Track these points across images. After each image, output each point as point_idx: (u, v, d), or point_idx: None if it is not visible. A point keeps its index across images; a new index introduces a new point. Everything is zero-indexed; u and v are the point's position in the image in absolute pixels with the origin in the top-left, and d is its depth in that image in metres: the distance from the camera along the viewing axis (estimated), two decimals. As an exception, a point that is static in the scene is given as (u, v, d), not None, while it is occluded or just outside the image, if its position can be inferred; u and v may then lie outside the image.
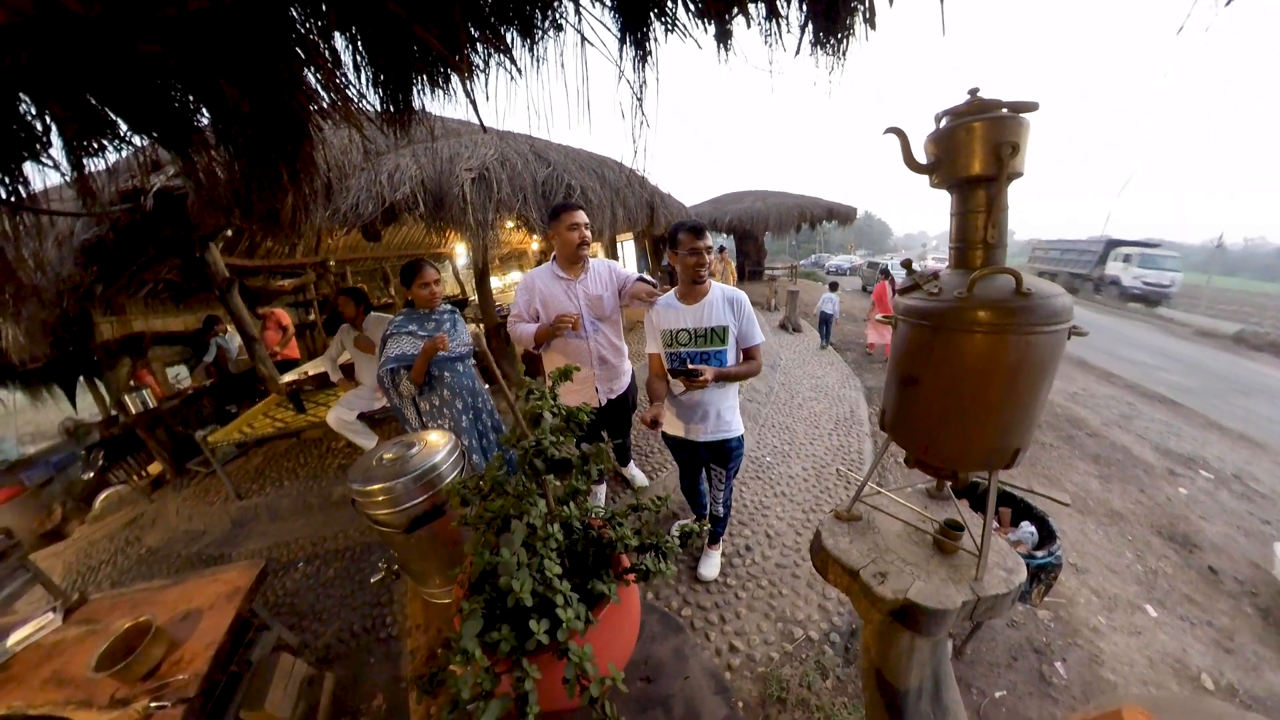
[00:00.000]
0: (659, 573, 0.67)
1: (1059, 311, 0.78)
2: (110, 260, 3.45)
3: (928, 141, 0.90)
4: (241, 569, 1.83)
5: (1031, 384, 0.82)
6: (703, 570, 2.30)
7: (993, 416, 0.85)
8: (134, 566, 3.30)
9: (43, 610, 1.69)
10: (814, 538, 1.22)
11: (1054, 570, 1.83)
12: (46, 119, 1.19)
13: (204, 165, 1.70)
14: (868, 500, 1.23)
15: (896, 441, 1.04)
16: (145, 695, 1.29)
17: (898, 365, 0.99)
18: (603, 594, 0.68)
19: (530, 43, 1.42)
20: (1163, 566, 2.80)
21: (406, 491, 1.19)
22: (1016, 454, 0.87)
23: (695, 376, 1.65)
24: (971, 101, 0.82)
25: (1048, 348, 0.80)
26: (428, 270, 2.07)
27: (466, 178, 2.57)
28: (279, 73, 1.30)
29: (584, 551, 0.77)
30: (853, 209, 12.75)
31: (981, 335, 0.80)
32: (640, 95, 1.32)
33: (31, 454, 5.31)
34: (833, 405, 4.61)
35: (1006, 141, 0.78)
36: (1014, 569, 1.00)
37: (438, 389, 2.06)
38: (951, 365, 0.85)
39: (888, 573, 1.01)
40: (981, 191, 0.84)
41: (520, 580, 0.58)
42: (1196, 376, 7.51)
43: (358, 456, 2.41)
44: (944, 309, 0.84)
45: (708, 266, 1.72)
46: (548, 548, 0.68)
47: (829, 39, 1.15)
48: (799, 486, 3.10)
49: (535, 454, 0.67)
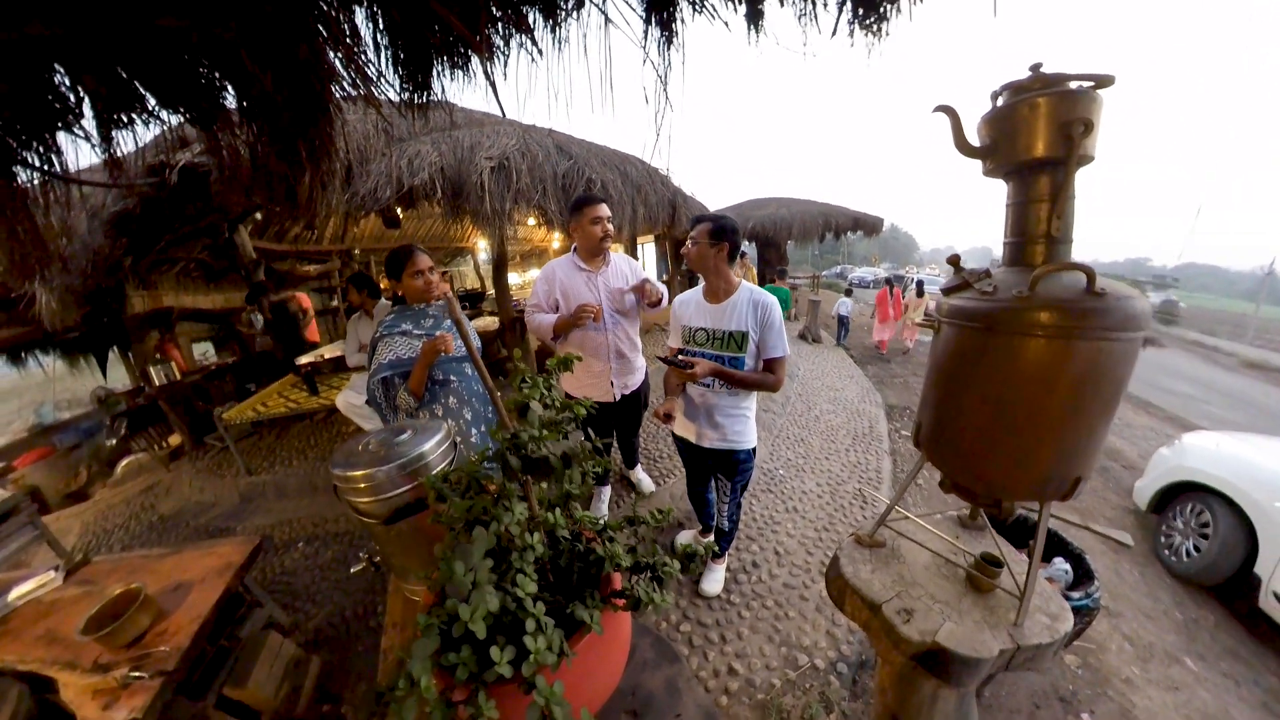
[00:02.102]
0: (652, 604, 0.58)
1: (1136, 316, 0.67)
2: (138, 233, 3.54)
3: (982, 122, 0.79)
4: (236, 545, 1.81)
5: (1101, 399, 0.71)
6: (705, 586, 2.17)
7: (1052, 436, 0.74)
8: (145, 532, 3.41)
9: (45, 568, 1.73)
10: (831, 563, 1.11)
11: (1090, 614, 1.67)
12: (80, 90, 1.21)
13: (228, 143, 1.72)
14: (893, 525, 1.11)
15: (932, 461, 0.92)
16: (127, 663, 1.28)
17: (939, 374, 0.88)
18: (584, 621, 0.59)
19: (553, 23, 1.37)
20: (1205, 615, 2.58)
21: (389, 480, 1.12)
22: (1077, 484, 0.75)
23: (686, 368, 1.54)
24: (1035, 75, 0.72)
25: (1121, 357, 0.69)
26: (419, 256, 1.74)
27: (486, 166, 2.53)
28: (300, 50, 1.28)
29: (568, 567, 0.68)
30: (879, 220, 12.44)
31: (1044, 340, 0.69)
32: (665, 79, 1.24)
33: (65, 419, 5.57)
34: (851, 419, 4.44)
35: (1078, 118, 0.67)
36: (1058, 615, 0.88)
37: (440, 397, 1.71)
38: (1005, 374, 0.74)
39: (914, 610, 0.90)
40: (1045, 177, 0.74)
41: (474, 604, 0.49)
42: (1242, 411, 7.07)
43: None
44: (999, 309, 0.73)
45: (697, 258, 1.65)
46: (524, 560, 0.60)
47: (870, 14, 1.05)
48: (812, 503, 2.96)
49: (511, 449, 0.59)
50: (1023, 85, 0.74)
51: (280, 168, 1.90)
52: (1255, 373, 10.11)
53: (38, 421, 5.70)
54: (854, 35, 1.15)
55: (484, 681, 0.50)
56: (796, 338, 7.72)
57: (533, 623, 0.54)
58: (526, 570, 0.59)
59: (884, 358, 7.24)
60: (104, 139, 1.41)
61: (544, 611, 0.55)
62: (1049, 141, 0.71)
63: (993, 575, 0.90)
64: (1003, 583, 0.91)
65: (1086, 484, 0.77)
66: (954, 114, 0.82)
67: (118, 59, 1.15)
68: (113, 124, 1.38)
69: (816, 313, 7.79)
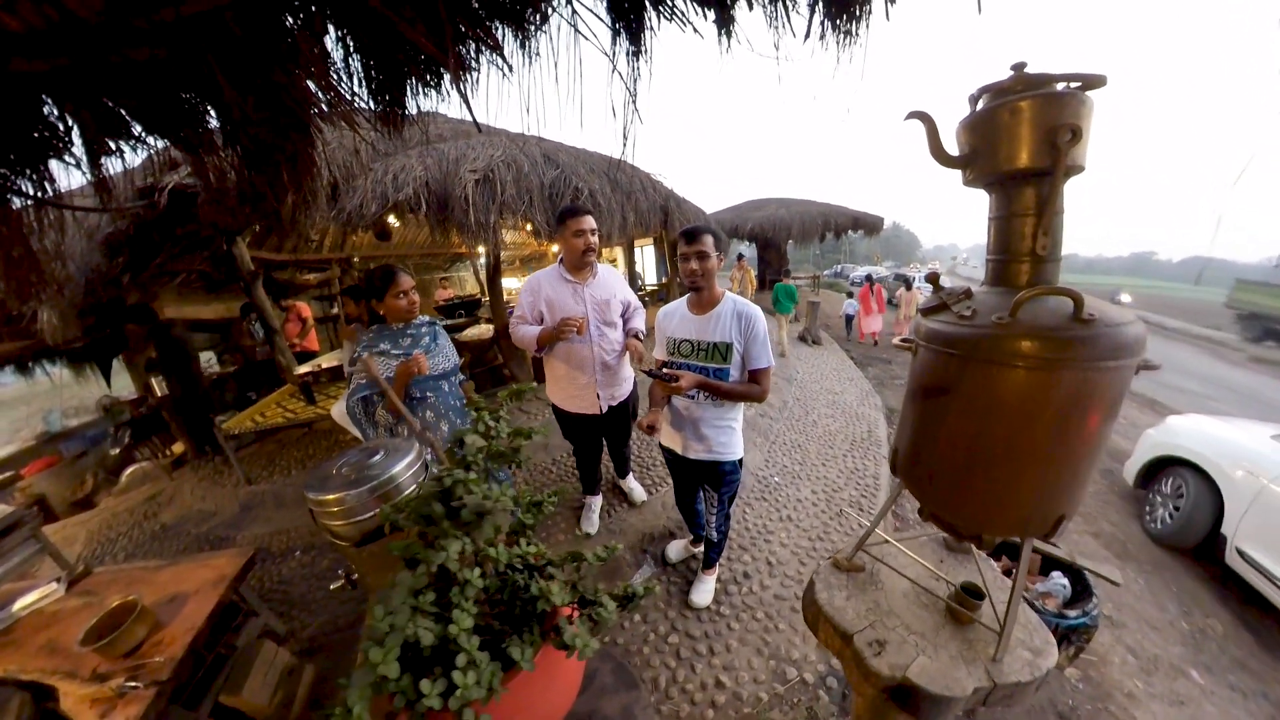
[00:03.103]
0: (574, 648, 0.55)
1: (1129, 344, 0.63)
2: (133, 252, 3.59)
3: (961, 128, 0.74)
4: (230, 557, 1.85)
5: (1086, 434, 0.66)
6: (694, 597, 2.15)
7: (1032, 472, 0.69)
8: (147, 541, 3.44)
9: (48, 579, 1.77)
10: (807, 586, 1.08)
11: (1088, 632, 1.62)
12: (68, 120, 1.24)
13: (213, 165, 1.76)
14: (873, 549, 1.08)
15: (909, 489, 0.89)
16: (123, 673, 1.32)
17: (915, 399, 0.84)
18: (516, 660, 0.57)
19: (522, 37, 1.37)
20: (1212, 625, 2.52)
21: (360, 504, 1.12)
22: (1060, 522, 0.71)
23: (670, 381, 1.52)
24: (1017, 76, 0.66)
25: (1111, 387, 0.64)
26: (403, 277, 1.79)
27: (470, 179, 2.52)
28: (276, 75, 1.31)
29: (511, 600, 0.66)
30: (880, 219, 12.38)
31: (1024, 370, 0.64)
32: (634, 89, 1.22)
33: (72, 426, 5.65)
34: (850, 424, 4.40)
35: (1065, 124, 0.62)
36: (1042, 650, 0.85)
37: (419, 411, 1.80)
38: (983, 405, 0.70)
39: (887, 641, 0.87)
40: (1030, 190, 0.69)
41: (389, 646, 0.48)
42: (1253, 408, 6.94)
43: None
44: (977, 336, 0.68)
45: (705, 275, 1.57)
46: (462, 594, 0.58)
47: (841, 17, 1.02)
48: (807, 511, 2.92)
49: (437, 495, 0.57)
50: (1003, 87, 0.68)
51: (264, 188, 1.93)
52: (1264, 367, 9.96)
53: (45, 429, 5.80)
54: (826, 38, 1.13)
55: (418, 712, 0.49)
56: (796, 339, 7.67)
57: (464, 657, 0.53)
58: (463, 604, 0.57)
59: (884, 359, 7.19)
60: (93, 165, 1.46)
61: (477, 646, 0.54)
62: (1033, 150, 0.65)
63: (972, 607, 0.87)
64: (984, 614, 0.88)
65: (1070, 522, 0.72)
66: (929, 120, 0.76)
67: (102, 89, 1.19)
68: (101, 151, 1.42)
69: (816, 314, 7.73)
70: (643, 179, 3.84)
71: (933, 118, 0.74)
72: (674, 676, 1.87)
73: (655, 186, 4.08)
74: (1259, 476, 2.62)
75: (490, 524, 0.55)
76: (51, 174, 1.43)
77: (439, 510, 0.56)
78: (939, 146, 0.75)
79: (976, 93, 0.72)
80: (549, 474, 3.29)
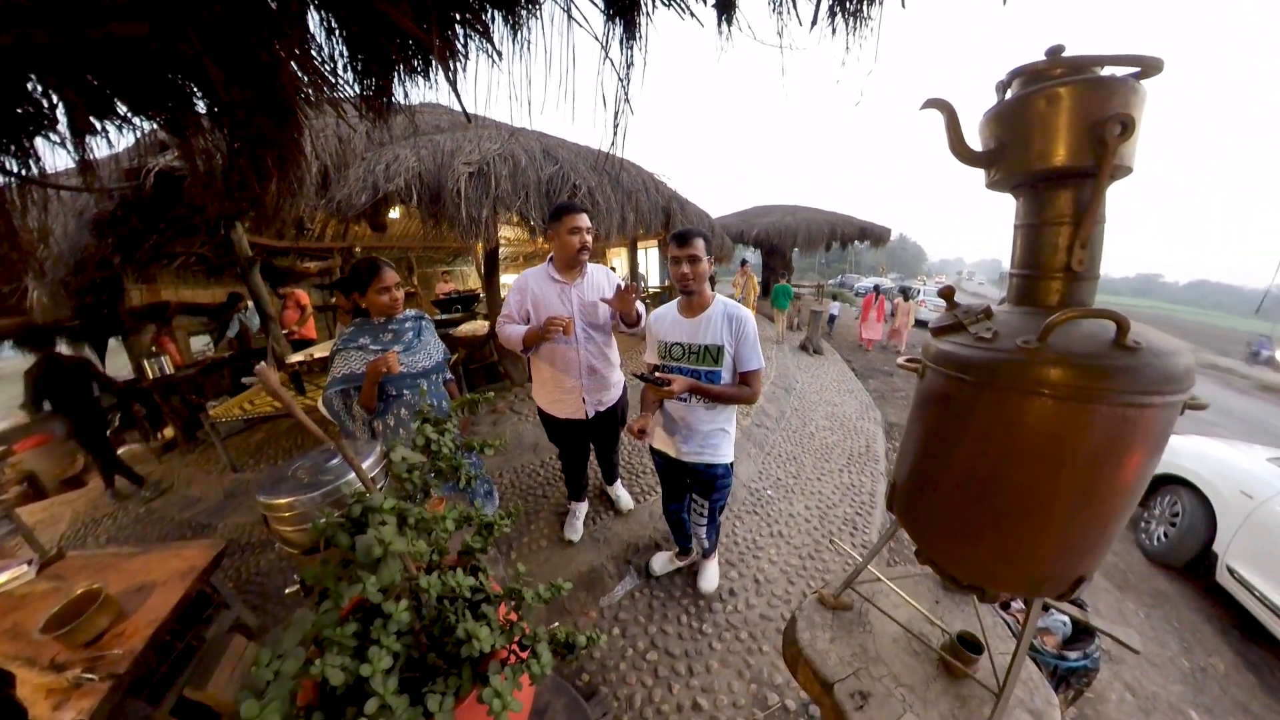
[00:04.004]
0: (496, 708, 0.47)
1: (1178, 376, 0.54)
2: (123, 234, 3.54)
3: (986, 120, 0.65)
4: (202, 548, 1.81)
5: (1120, 482, 0.57)
6: (702, 584, 2.22)
7: (1053, 527, 0.59)
8: (130, 524, 3.41)
9: (18, 561, 1.74)
10: (789, 623, 0.99)
11: (1089, 675, 1.53)
12: (53, 97, 1.21)
13: (200, 148, 1.72)
14: (863, 586, 1.00)
15: (906, 529, 0.79)
16: (81, 664, 1.27)
17: (919, 428, 0.74)
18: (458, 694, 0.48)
19: (512, 21, 1.30)
20: (1214, 664, 2.42)
21: (313, 509, 1.05)
22: (1079, 583, 0.61)
23: (662, 385, 1.53)
24: (1054, 59, 0.57)
25: (1154, 427, 0.55)
26: (387, 272, 1.76)
27: (464, 171, 2.44)
28: (260, 56, 1.26)
29: (440, 639, 0.57)
30: (886, 230, 12.30)
31: (1053, 402, 0.54)
32: (626, 76, 1.14)
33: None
34: (848, 438, 4.30)
35: (1114, 116, 0.52)
36: (1043, 714, 0.76)
37: (394, 408, 1.78)
38: (1000, 443, 0.60)
39: (871, 694, 0.78)
40: (1066, 193, 0.59)
41: (270, 697, 0.39)
42: (1259, 438, 6.83)
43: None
44: (999, 361, 0.59)
45: (697, 278, 1.57)
46: (386, 631, 0.50)
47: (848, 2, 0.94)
48: (799, 528, 2.83)
49: (343, 526, 0.48)
50: (1039, 70, 0.58)
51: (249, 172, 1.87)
52: (1272, 396, 9.84)
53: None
54: (835, 23, 1.05)
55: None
56: (797, 348, 7.58)
57: (375, 703, 0.45)
58: (384, 641, 0.49)
59: (886, 370, 7.12)
60: (78, 144, 1.42)
61: (396, 689, 0.46)
62: (1073, 146, 0.55)
63: (968, 662, 0.78)
64: (980, 668, 0.79)
65: (1090, 582, 0.62)
66: (949, 109, 0.66)
67: (85, 66, 1.17)
68: (86, 129, 1.38)
69: (818, 323, 7.64)
70: (645, 179, 3.76)
71: (953, 106, 0.64)
72: (650, 696, 1.80)
73: (658, 187, 4.00)
74: (1253, 497, 2.67)
75: (389, 570, 0.46)
76: (37, 152, 1.40)
77: (345, 543, 0.47)
78: (960, 140, 0.64)
79: (1006, 78, 0.62)
80: (536, 476, 3.20)
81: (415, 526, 0.53)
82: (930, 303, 13.54)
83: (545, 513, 2.77)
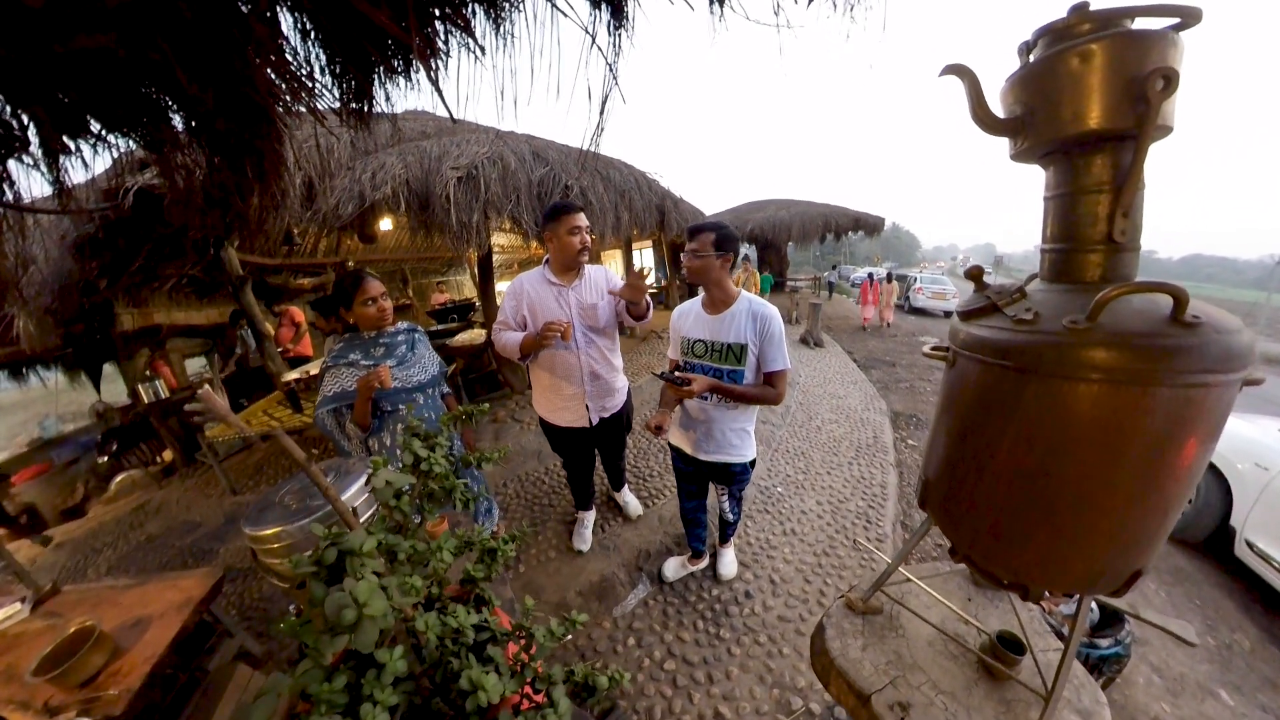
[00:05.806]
0: None
1: (1241, 353, 0.49)
2: (108, 256, 3.46)
3: (1009, 86, 0.60)
4: (199, 578, 1.75)
5: (1181, 467, 0.52)
6: (721, 571, 2.24)
7: (1111, 521, 0.55)
8: (132, 552, 3.33)
9: (12, 599, 1.68)
10: (816, 631, 0.93)
11: (1120, 662, 1.48)
12: (23, 117, 1.17)
13: (179, 163, 1.67)
14: (892, 589, 0.94)
15: (941, 528, 0.73)
16: (76, 705, 1.22)
17: (953, 422, 0.69)
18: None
19: (494, 14, 1.25)
20: (1239, 641, 2.37)
21: (305, 539, 0.98)
22: (1135, 578, 0.57)
23: (682, 384, 1.50)
24: (1081, 14, 0.52)
25: (1215, 408, 0.51)
26: (370, 283, 1.68)
27: (452, 176, 2.38)
28: (235, 64, 1.21)
29: (443, 685, 0.51)
30: (880, 219, 12.29)
31: (1109, 386, 0.50)
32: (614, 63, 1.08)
33: (65, 433, 5.54)
34: (854, 430, 4.25)
35: (1155, 70, 0.48)
36: (1093, 712, 0.71)
37: (389, 425, 1.70)
38: (1049, 434, 0.55)
39: (911, 704, 0.72)
40: (1102, 158, 0.55)
41: None
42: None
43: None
44: (1044, 344, 0.54)
45: (701, 271, 1.56)
46: (380, 684, 0.44)
47: None
48: (812, 524, 2.77)
49: (317, 574, 0.42)
50: (1068, 27, 0.54)
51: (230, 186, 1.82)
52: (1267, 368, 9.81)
53: (40, 435, 5.70)
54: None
55: None
56: (798, 342, 7.53)
57: None
58: (379, 696, 0.43)
59: (888, 360, 7.12)
60: (51, 165, 1.36)
61: None
62: (1109, 106, 0.51)
63: (1010, 664, 0.72)
64: (1023, 671, 0.74)
65: (1147, 575, 0.58)
66: (970, 75, 0.62)
67: (53, 83, 1.12)
68: (59, 150, 1.32)
69: (818, 316, 7.60)
70: (638, 177, 3.71)
71: (974, 72, 0.59)
72: (670, 707, 1.74)
73: (651, 186, 3.95)
74: (1268, 469, 2.65)
75: (366, 635, 0.40)
76: (10, 175, 1.35)
77: (318, 596, 0.42)
78: (983, 106, 0.60)
79: (1031, 38, 0.57)
80: (541, 485, 3.14)
81: (409, 560, 0.48)
82: (927, 290, 13.41)
83: (552, 522, 2.71)
